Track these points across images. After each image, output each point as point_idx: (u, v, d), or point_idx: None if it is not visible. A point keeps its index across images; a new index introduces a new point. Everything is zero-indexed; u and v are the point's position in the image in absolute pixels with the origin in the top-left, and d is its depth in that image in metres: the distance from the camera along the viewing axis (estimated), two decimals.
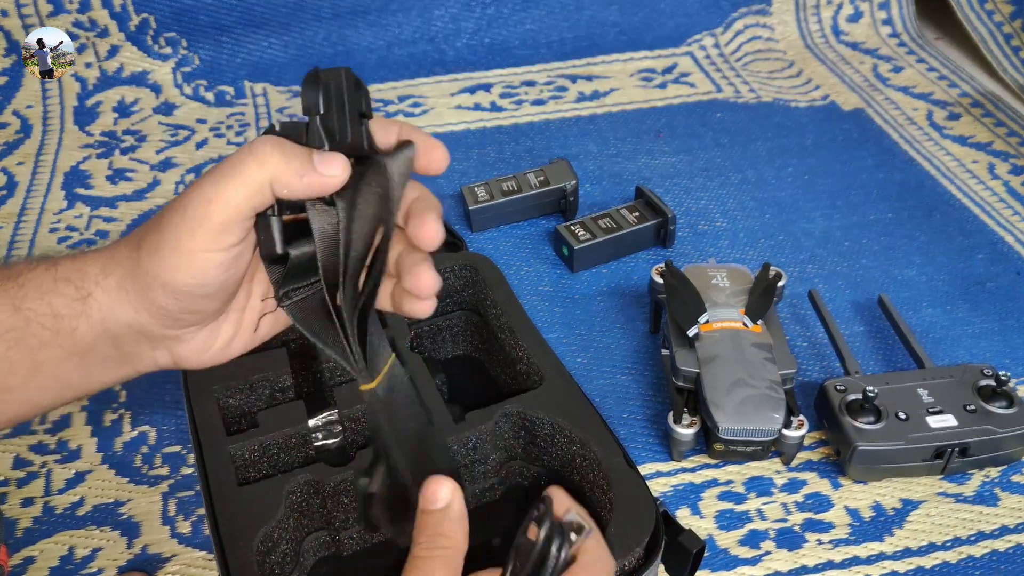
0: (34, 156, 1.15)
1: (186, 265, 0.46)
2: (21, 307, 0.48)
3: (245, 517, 0.57)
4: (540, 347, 0.68)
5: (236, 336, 0.53)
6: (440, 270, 0.71)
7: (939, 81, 1.29)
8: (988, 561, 0.68)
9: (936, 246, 0.99)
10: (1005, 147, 1.14)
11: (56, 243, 1.00)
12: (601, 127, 1.19)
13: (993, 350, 0.86)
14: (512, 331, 0.71)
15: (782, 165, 1.12)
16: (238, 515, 0.57)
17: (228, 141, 1.17)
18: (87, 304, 0.48)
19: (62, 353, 0.49)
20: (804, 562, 0.68)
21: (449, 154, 0.50)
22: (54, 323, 0.48)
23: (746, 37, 1.38)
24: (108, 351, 0.50)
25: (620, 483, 0.58)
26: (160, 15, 1.26)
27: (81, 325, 0.48)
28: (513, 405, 0.64)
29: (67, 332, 0.48)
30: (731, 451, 0.72)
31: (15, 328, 0.48)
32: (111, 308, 0.48)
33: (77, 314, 0.48)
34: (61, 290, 0.48)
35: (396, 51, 1.32)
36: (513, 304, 0.72)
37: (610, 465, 0.59)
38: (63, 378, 0.50)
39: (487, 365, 0.80)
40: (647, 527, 0.55)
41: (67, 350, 0.49)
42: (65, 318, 0.48)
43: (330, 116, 0.47)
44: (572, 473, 0.64)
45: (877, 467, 0.72)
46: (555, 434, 0.63)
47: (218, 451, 0.61)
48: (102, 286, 0.48)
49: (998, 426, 0.71)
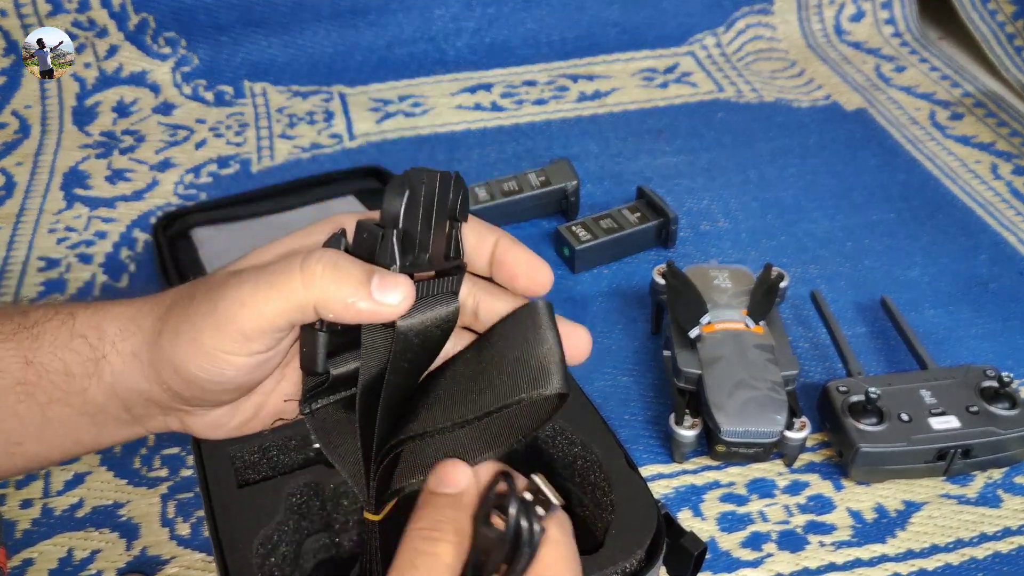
0: (33, 156, 1.15)
1: (203, 361, 0.43)
2: (33, 361, 0.46)
3: (245, 519, 0.56)
4: None
5: (255, 419, 0.50)
6: None
7: (942, 81, 1.29)
8: (991, 563, 0.67)
9: (939, 247, 0.98)
10: (1008, 147, 1.14)
11: (55, 244, 1.00)
12: (602, 127, 1.19)
13: (996, 351, 0.85)
14: None
15: (784, 165, 1.11)
16: (238, 517, 0.57)
17: (227, 141, 1.17)
18: (99, 366, 0.46)
19: (72, 411, 0.47)
20: (806, 564, 0.67)
21: (554, 275, 0.47)
22: (65, 381, 0.46)
23: (748, 37, 1.38)
24: (118, 412, 0.48)
25: (621, 485, 0.58)
26: (159, 15, 1.25)
27: (92, 386, 0.46)
28: None
29: (78, 392, 0.46)
30: (733, 453, 0.72)
31: (26, 382, 0.46)
32: (123, 374, 0.46)
33: (89, 374, 0.46)
34: (76, 347, 0.46)
35: (396, 51, 1.32)
36: None
37: (611, 467, 0.59)
38: (73, 434, 0.48)
39: None
40: (649, 529, 0.55)
41: (77, 409, 0.47)
42: (77, 377, 0.46)
43: (412, 225, 0.42)
44: (573, 475, 0.63)
45: (879, 469, 0.72)
46: (556, 436, 0.63)
47: (218, 452, 0.61)
48: (117, 349, 0.46)
49: (1001, 427, 0.71)
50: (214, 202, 1.00)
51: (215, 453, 0.60)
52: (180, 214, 0.97)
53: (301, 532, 0.61)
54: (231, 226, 0.97)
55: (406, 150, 1.15)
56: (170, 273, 0.88)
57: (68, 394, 0.46)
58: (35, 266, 0.97)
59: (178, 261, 0.91)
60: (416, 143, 1.17)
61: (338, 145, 1.16)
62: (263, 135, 1.18)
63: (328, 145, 1.16)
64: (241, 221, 0.98)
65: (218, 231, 0.96)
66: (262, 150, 1.15)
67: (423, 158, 1.13)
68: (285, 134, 1.18)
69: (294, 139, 1.17)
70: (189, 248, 0.94)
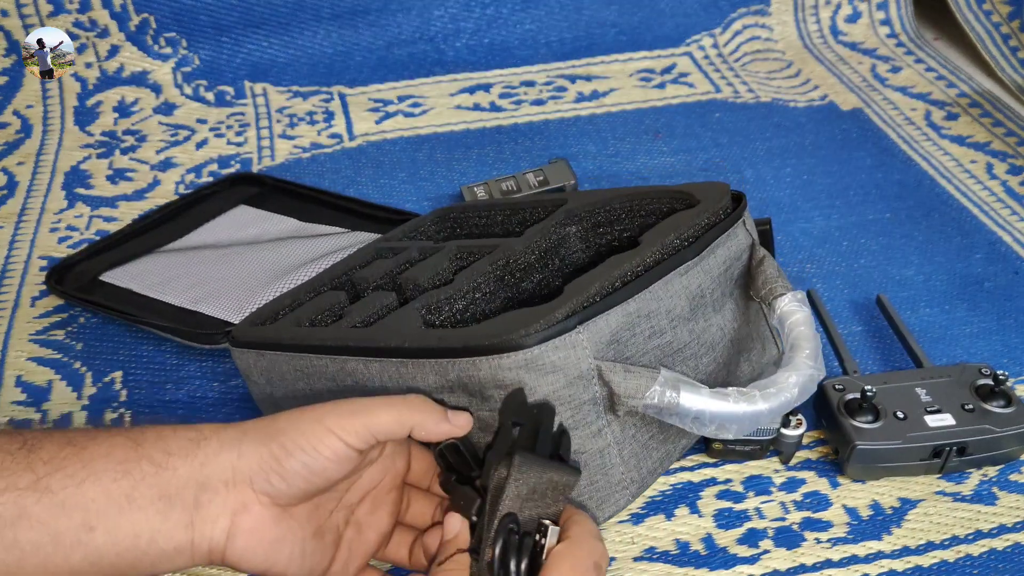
0: (34, 156, 1.15)
1: (320, 434, 0.52)
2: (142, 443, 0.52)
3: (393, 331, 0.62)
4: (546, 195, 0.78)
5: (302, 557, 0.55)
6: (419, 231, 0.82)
7: (937, 81, 1.29)
8: (986, 560, 0.68)
9: (934, 246, 0.99)
10: (1003, 147, 1.15)
11: (56, 243, 1.01)
12: (600, 127, 1.20)
13: (991, 349, 0.86)
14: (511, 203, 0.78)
15: (780, 165, 1.12)
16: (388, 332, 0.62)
17: (228, 141, 1.18)
18: (200, 446, 0.52)
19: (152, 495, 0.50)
20: (803, 561, 0.68)
21: None
22: (164, 459, 0.51)
23: (745, 37, 1.38)
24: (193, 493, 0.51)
25: (680, 188, 0.71)
26: (160, 15, 1.26)
27: (183, 466, 0.51)
28: (558, 215, 0.73)
29: (169, 469, 0.51)
30: (730, 450, 0.73)
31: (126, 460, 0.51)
32: (219, 452, 0.52)
33: (186, 454, 0.52)
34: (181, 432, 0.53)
35: (396, 51, 1.33)
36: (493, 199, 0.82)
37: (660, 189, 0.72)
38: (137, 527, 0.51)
39: None
40: (725, 191, 0.69)
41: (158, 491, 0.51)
42: (173, 456, 0.51)
43: None
44: (634, 220, 0.73)
45: (875, 466, 0.72)
46: (606, 204, 0.72)
47: (332, 331, 0.66)
48: (219, 435, 0.53)
49: (996, 425, 0.71)
50: (100, 244, 0.97)
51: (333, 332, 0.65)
52: (71, 263, 0.95)
53: None
54: (142, 261, 0.95)
55: (405, 150, 1.15)
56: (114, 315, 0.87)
57: (160, 470, 0.51)
58: (37, 265, 0.98)
59: (116, 301, 0.89)
60: (415, 143, 1.17)
61: (338, 145, 1.17)
62: (264, 135, 1.19)
63: (328, 145, 1.17)
64: (150, 255, 0.96)
65: (137, 266, 0.94)
66: (263, 150, 1.16)
67: (422, 158, 1.13)
68: (285, 134, 1.19)
69: (294, 139, 1.18)
70: (113, 290, 0.92)
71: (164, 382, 0.83)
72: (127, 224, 1.02)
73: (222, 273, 0.91)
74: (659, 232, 0.63)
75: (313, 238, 0.95)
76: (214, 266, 0.92)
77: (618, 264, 0.59)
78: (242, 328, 0.71)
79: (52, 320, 0.90)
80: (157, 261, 0.95)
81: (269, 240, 0.97)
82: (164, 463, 0.51)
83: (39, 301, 0.93)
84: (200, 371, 0.84)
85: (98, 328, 0.89)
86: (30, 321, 0.91)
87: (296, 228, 0.99)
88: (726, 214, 0.67)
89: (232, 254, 0.94)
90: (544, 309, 0.55)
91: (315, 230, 0.98)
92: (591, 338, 0.55)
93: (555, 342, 0.53)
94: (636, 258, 0.60)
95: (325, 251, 0.91)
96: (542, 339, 0.53)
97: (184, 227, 1.01)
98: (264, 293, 0.85)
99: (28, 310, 0.92)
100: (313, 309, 0.70)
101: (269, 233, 0.98)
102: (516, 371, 0.53)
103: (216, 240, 0.98)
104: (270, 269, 0.90)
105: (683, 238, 0.63)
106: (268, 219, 1.01)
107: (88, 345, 0.88)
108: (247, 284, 0.88)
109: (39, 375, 0.84)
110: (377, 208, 0.99)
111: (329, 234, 0.96)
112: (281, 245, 0.95)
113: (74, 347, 0.87)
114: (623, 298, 0.57)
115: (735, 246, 0.66)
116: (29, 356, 0.87)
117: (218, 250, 0.95)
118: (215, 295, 0.87)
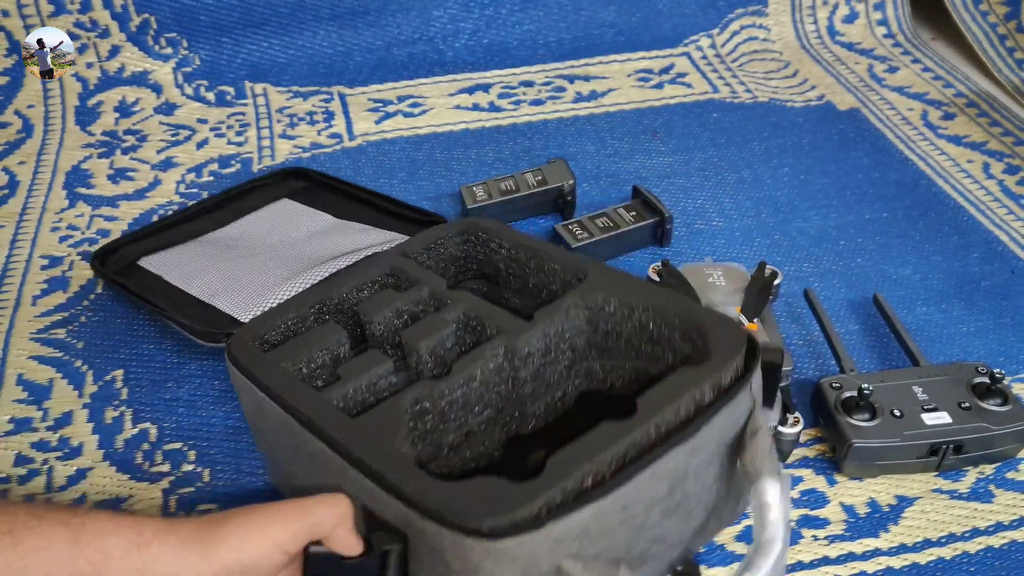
0: (35, 155, 1.16)
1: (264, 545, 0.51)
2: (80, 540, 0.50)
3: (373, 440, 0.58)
4: (568, 254, 0.72)
5: None
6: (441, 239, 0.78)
7: (934, 81, 1.30)
8: (983, 557, 0.68)
9: (931, 245, 0.99)
10: (1000, 147, 1.15)
11: (57, 242, 1.01)
12: (598, 127, 1.20)
13: (987, 348, 0.86)
14: (536, 252, 0.74)
15: (778, 165, 1.12)
16: (368, 439, 0.58)
17: (228, 141, 1.18)
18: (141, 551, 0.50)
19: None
20: (800, 558, 0.68)
21: None
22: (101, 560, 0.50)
23: (742, 38, 1.39)
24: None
25: (698, 315, 0.63)
26: (161, 16, 1.26)
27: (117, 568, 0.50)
28: (572, 297, 0.68)
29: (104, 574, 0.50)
30: None
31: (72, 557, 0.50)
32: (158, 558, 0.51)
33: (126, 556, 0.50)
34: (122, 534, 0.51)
35: (395, 51, 1.33)
36: (523, 235, 0.76)
37: (681, 310, 0.64)
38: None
39: None
40: (741, 337, 0.61)
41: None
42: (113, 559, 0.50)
43: None
44: (641, 343, 0.67)
45: (872, 464, 0.72)
46: (616, 310, 0.67)
47: (317, 401, 0.62)
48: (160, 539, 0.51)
49: (992, 423, 0.72)
50: (147, 229, 0.99)
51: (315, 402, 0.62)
52: (115, 246, 0.96)
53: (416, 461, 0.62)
54: (181, 249, 0.97)
55: (405, 150, 1.16)
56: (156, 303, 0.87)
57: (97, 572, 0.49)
58: (38, 264, 0.98)
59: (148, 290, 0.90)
60: (415, 143, 1.17)
61: (338, 145, 1.17)
62: (264, 135, 1.19)
63: (328, 145, 1.17)
64: (188, 243, 0.98)
65: (171, 255, 0.96)
66: (263, 150, 1.16)
67: (422, 157, 1.14)
68: (285, 134, 1.19)
69: (294, 139, 1.18)
70: (145, 276, 0.93)
71: (165, 380, 0.84)
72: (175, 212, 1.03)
73: (243, 268, 0.91)
74: (657, 401, 0.57)
75: (339, 235, 0.96)
76: (238, 260, 0.93)
77: (608, 441, 0.55)
78: (238, 343, 0.68)
79: (53, 319, 0.91)
80: (192, 250, 0.96)
81: (300, 236, 0.97)
82: (101, 565, 0.49)
83: (40, 300, 0.93)
84: (201, 370, 0.85)
85: (99, 327, 0.90)
86: (31, 320, 0.91)
87: (329, 224, 0.99)
88: (735, 378, 0.60)
89: (258, 248, 0.95)
90: (522, 492, 0.52)
91: (346, 227, 0.98)
92: (560, 532, 0.51)
93: (523, 537, 0.50)
94: (627, 437, 0.55)
95: (347, 249, 0.92)
96: (512, 530, 0.50)
97: (227, 217, 1.02)
98: (278, 292, 0.86)
99: (29, 309, 0.92)
100: (311, 346, 0.68)
101: (302, 228, 0.99)
102: (478, 554, 0.51)
103: (251, 233, 0.99)
104: (289, 266, 0.90)
105: (682, 413, 0.58)
106: (305, 213, 1.02)
107: (89, 344, 0.88)
108: (263, 281, 0.89)
109: (40, 373, 0.85)
110: (410, 209, 0.99)
111: (357, 232, 0.97)
112: (307, 241, 0.96)
113: (75, 346, 0.88)
114: (603, 494, 0.53)
115: (735, 414, 0.60)
116: (30, 355, 0.87)
117: (247, 244, 0.96)
118: (232, 290, 0.88)
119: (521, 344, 0.65)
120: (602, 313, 0.67)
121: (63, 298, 0.93)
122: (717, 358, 0.60)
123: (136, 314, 0.91)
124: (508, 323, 0.67)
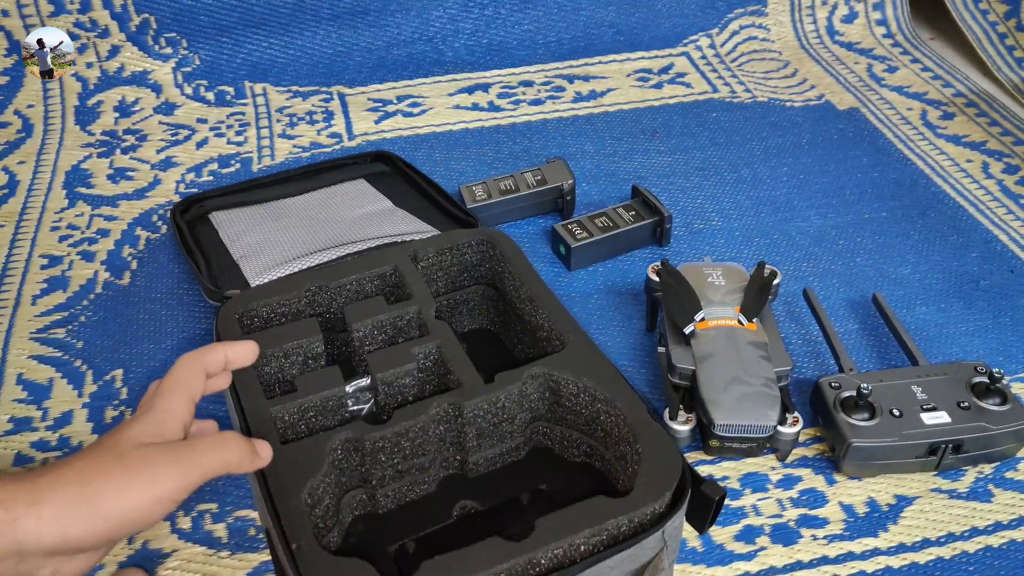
0: (35, 155, 1.16)
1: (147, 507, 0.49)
2: None
3: (292, 472, 0.58)
4: (561, 314, 0.71)
5: None
6: (457, 245, 0.78)
7: (933, 81, 1.30)
8: (982, 557, 0.68)
9: (930, 244, 0.99)
10: (999, 146, 1.15)
11: (57, 241, 1.01)
12: (598, 127, 1.20)
13: (987, 347, 0.86)
14: (532, 300, 0.73)
15: (777, 164, 1.12)
16: (285, 471, 0.58)
17: (228, 140, 1.18)
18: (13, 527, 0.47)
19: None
20: (799, 557, 0.68)
21: None
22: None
23: (742, 37, 1.39)
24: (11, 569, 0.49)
25: (646, 435, 0.60)
26: (160, 15, 1.26)
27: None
28: (539, 367, 0.67)
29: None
30: (727, 447, 0.73)
31: None
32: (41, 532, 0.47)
33: None
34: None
35: (395, 51, 1.33)
36: (532, 275, 0.75)
37: (636, 419, 0.61)
38: None
39: (503, 337, 0.83)
40: (675, 474, 0.57)
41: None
42: None
43: None
44: (596, 429, 0.66)
45: (871, 463, 0.72)
46: (580, 393, 0.66)
47: (261, 413, 0.62)
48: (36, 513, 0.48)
49: (991, 423, 0.72)
50: (229, 188, 1.05)
51: (258, 413, 0.62)
52: (197, 199, 1.02)
53: (341, 487, 0.63)
54: (246, 209, 1.01)
55: (405, 149, 1.16)
56: (194, 253, 0.93)
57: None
58: (38, 264, 0.98)
59: (199, 242, 0.96)
60: (414, 142, 1.17)
61: (337, 144, 1.17)
62: (263, 135, 1.19)
63: (328, 145, 1.17)
64: (255, 205, 1.02)
65: (235, 214, 1.00)
66: (263, 149, 1.16)
67: (421, 157, 1.14)
68: (285, 133, 1.19)
69: (294, 139, 1.18)
70: (208, 230, 0.99)
71: None
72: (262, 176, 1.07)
73: (279, 236, 0.94)
74: (556, 529, 0.54)
75: (386, 220, 0.97)
76: (281, 228, 0.96)
77: (487, 564, 0.52)
78: (226, 314, 0.71)
79: (53, 318, 0.91)
80: (254, 212, 1.01)
81: (351, 216, 0.99)
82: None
83: (40, 300, 0.93)
84: None
85: (99, 327, 0.90)
86: (31, 319, 0.91)
87: (383, 209, 1.00)
88: (652, 521, 0.57)
89: (304, 220, 0.97)
90: None
91: (395, 213, 0.99)
92: None
93: None
94: (508, 562, 0.53)
95: (387, 234, 0.92)
96: None
97: (305, 188, 1.04)
98: (292, 265, 0.88)
99: (29, 308, 0.92)
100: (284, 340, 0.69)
101: (359, 209, 1.00)
102: None
103: (311, 205, 1.01)
104: (319, 241, 0.92)
105: (585, 546, 0.55)
106: (369, 195, 1.03)
107: (89, 343, 0.88)
108: (287, 252, 0.91)
109: (40, 373, 0.85)
110: (458, 208, 0.98)
111: (401, 220, 0.97)
112: (354, 221, 0.97)
113: (75, 345, 0.88)
114: None
115: (638, 554, 0.56)
116: (30, 354, 0.87)
117: (299, 215, 0.99)
118: (257, 255, 0.92)
119: (471, 408, 0.65)
120: (566, 391, 0.67)
121: (63, 298, 0.93)
122: (636, 495, 0.56)
123: (136, 314, 0.91)
124: (467, 378, 0.66)
